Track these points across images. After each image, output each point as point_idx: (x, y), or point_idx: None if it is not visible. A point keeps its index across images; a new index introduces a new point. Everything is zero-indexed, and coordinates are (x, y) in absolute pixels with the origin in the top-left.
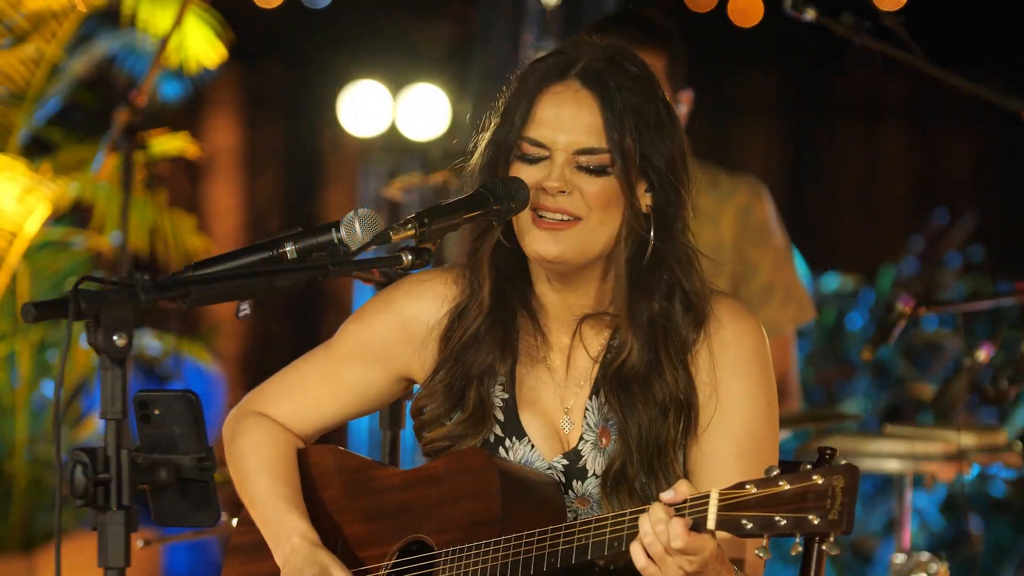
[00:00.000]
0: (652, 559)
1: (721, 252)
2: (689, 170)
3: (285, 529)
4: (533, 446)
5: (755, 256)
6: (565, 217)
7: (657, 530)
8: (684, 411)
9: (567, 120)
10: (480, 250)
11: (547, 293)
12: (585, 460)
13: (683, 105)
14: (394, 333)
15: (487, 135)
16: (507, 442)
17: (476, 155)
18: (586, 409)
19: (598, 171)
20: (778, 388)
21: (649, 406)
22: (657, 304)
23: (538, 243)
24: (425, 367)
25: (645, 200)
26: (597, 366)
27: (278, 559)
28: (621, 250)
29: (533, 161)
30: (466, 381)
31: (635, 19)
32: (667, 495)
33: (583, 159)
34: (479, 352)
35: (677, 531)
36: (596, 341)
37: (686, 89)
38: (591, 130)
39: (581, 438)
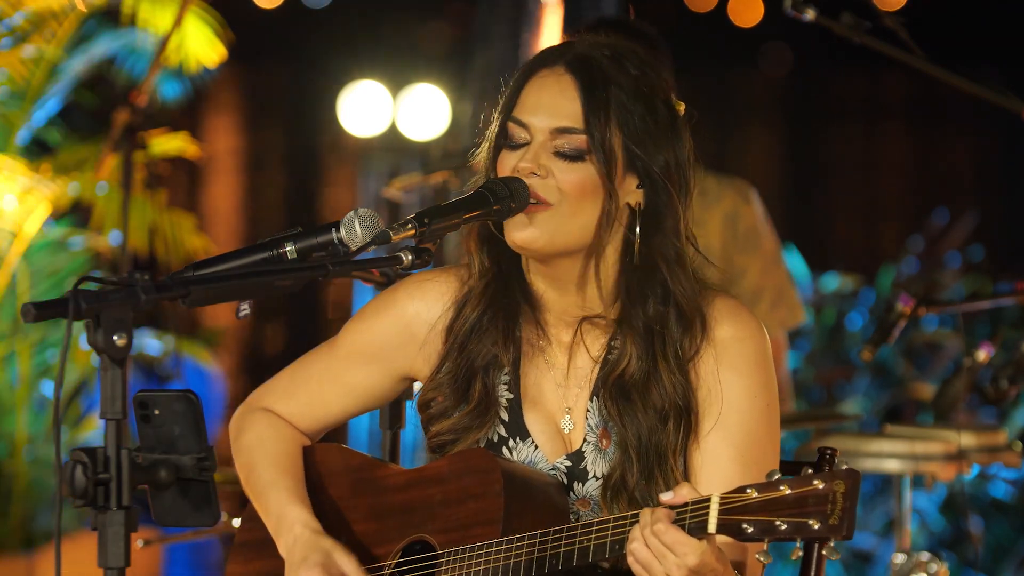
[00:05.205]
0: (643, 566)
1: (709, 257)
2: (688, 176)
3: (287, 520)
4: (537, 447)
5: (743, 262)
6: (534, 200)
7: (644, 533)
8: (684, 417)
9: (547, 102)
10: (472, 239)
11: (538, 283)
12: (587, 462)
13: None
14: (396, 333)
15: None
16: (511, 442)
17: (481, 148)
18: (587, 410)
19: (575, 157)
20: None
21: (648, 414)
22: (652, 309)
23: (510, 227)
24: (429, 363)
25: (635, 197)
26: (597, 367)
27: (281, 550)
28: (604, 245)
29: (515, 147)
30: (471, 373)
31: (617, 22)
32: (666, 496)
33: (559, 142)
34: (482, 342)
35: (659, 515)
36: (596, 343)
37: None
38: (570, 114)
39: (584, 440)
